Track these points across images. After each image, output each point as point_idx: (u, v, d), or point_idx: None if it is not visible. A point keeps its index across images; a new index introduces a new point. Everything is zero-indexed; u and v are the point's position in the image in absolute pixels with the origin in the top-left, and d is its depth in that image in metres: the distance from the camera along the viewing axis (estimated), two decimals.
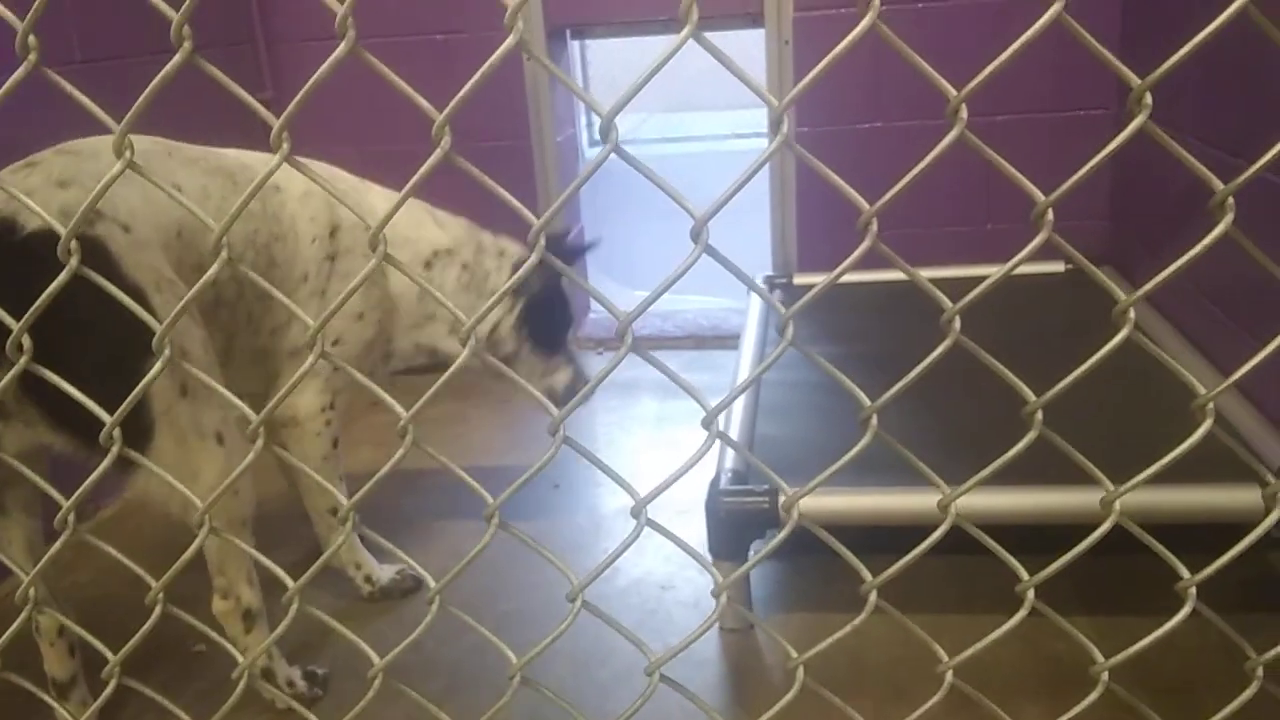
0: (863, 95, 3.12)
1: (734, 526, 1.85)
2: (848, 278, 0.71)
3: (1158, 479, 0.76)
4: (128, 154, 0.78)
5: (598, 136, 6.85)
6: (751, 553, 1.87)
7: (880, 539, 1.16)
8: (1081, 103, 3.06)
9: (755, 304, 2.95)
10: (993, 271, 0.73)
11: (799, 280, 3.22)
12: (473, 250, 2.15)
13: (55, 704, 1.53)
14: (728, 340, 3.36)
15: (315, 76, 0.72)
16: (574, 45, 4.53)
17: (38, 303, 0.81)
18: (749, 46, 3.19)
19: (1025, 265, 0.70)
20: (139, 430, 1.49)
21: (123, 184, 0.94)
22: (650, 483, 0.85)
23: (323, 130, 2.26)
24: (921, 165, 0.69)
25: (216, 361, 1.67)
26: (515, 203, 0.79)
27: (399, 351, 2.12)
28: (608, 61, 7.98)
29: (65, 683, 1.68)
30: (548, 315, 2.24)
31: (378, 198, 2.06)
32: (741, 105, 8.07)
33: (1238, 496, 1.69)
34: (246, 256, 1.79)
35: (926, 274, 0.75)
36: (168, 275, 1.55)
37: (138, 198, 1.57)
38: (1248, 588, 1.83)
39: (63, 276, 0.79)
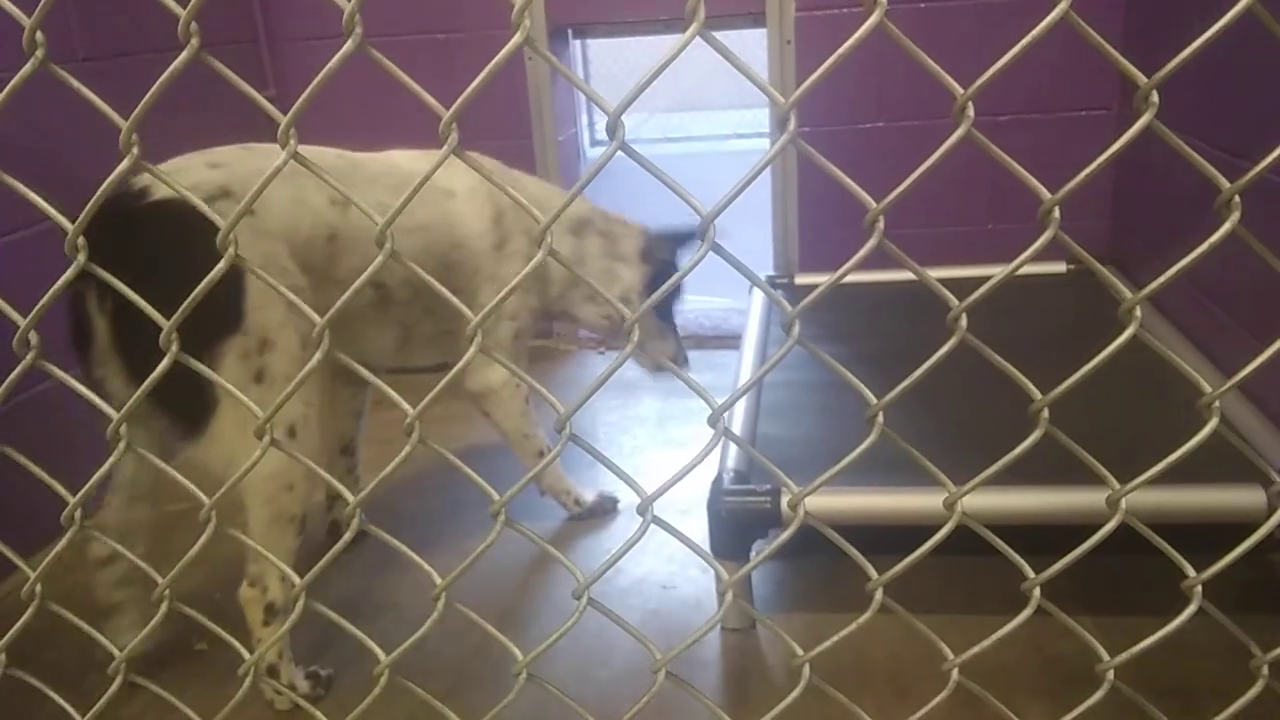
0: (864, 95, 3.12)
1: (736, 526, 1.85)
2: (850, 278, 0.71)
3: (1161, 479, 0.76)
4: (135, 150, 0.78)
5: (600, 136, 6.86)
6: (753, 553, 1.87)
7: (883, 540, 1.16)
8: (1084, 103, 3.06)
9: (756, 304, 2.95)
10: (994, 271, 0.73)
11: (800, 281, 3.22)
12: (602, 219, 2.33)
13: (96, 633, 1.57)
14: (729, 340, 3.36)
15: (324, 72, 0.72)
16: (576, 45, 4.53)
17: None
18: (751, 46, 3.20)
19: (1027, 266, 0.70)
20: (201, 407, 1.53)
21: (277, 180, 1.01)
22: (653, 482, 0.85)
23: (324, 128, 2.25)
24: (929, 162, 0.69)
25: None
26: (523, 201, 0.79)
27: (545, 316, 2.35)
28: (609, 61, 7.98)
29: (108, 608, 1.78)
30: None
31: (524, 179, 2.24)
32: (743, 105, 8.07)
33: (1240, 497, 1.69)
34: (425, 266, 1.84)
35: (929, 274, 0.75)
36: (282, 264, 1.64)
37: (285, 195, 1.69)
38: (1249, 589, 1.83)
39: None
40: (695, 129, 8.26)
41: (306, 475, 1.69)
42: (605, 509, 2.38)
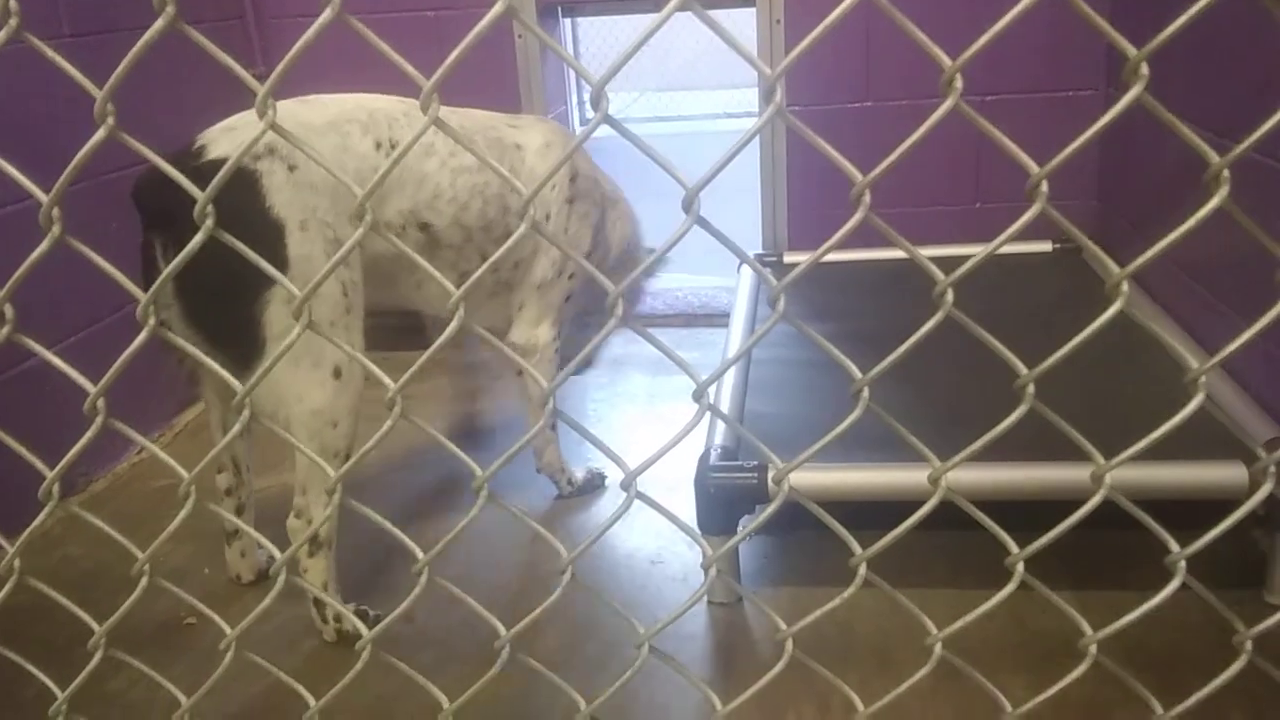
0: (853, 74, 3.11)
1: (723, 502, 1.86)
2: (836, 256, 0.71)
3: (1145, 455, 0.76)
4: (110, 119, 0.77)
5: (589, 115, 6.80)
6: (740, 528, 1.87)
7: (867, 516, 1.17)
8: (1071, 83, 3.06)
9: (745, 282, 2.95)
10: (981, 250, 0.73)
11: (789, 259, 3.21)
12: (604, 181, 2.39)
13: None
14: (717, 319, 3.36)
15: (301, 41, 0.71)
16: (565, 23, 4.49)
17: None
18: (741, 26, 3.17)
19: (1013, 244, 0.70)
20: (252, 345, 1.64)
21: (319, 132, 1.02)
22: (641, 458, 0.84)
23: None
24: (917, 134, 0.68)
25: (359, 305, 1.80)
26: (505, 173, 0.78)
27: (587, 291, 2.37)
28: (598, 40, 7.94)
29: (230, 534, 2.04)
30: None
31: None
32: (732, 85, 8.04)
33: (1223, 473, 1.70)
34: (473, 205, 2.00)
35: (915, 249, 0.75)
36: (323, 217, 1.70)
37: (329, 145, 1.77)
38: (1229, 566, 1.85)
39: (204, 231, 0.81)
40: (685, 108, 8.23)
41: (350, 413, 1.77)
42: (595, 485, 2.40)
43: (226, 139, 1.69)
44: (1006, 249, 0.69)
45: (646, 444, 2.60)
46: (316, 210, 1.69)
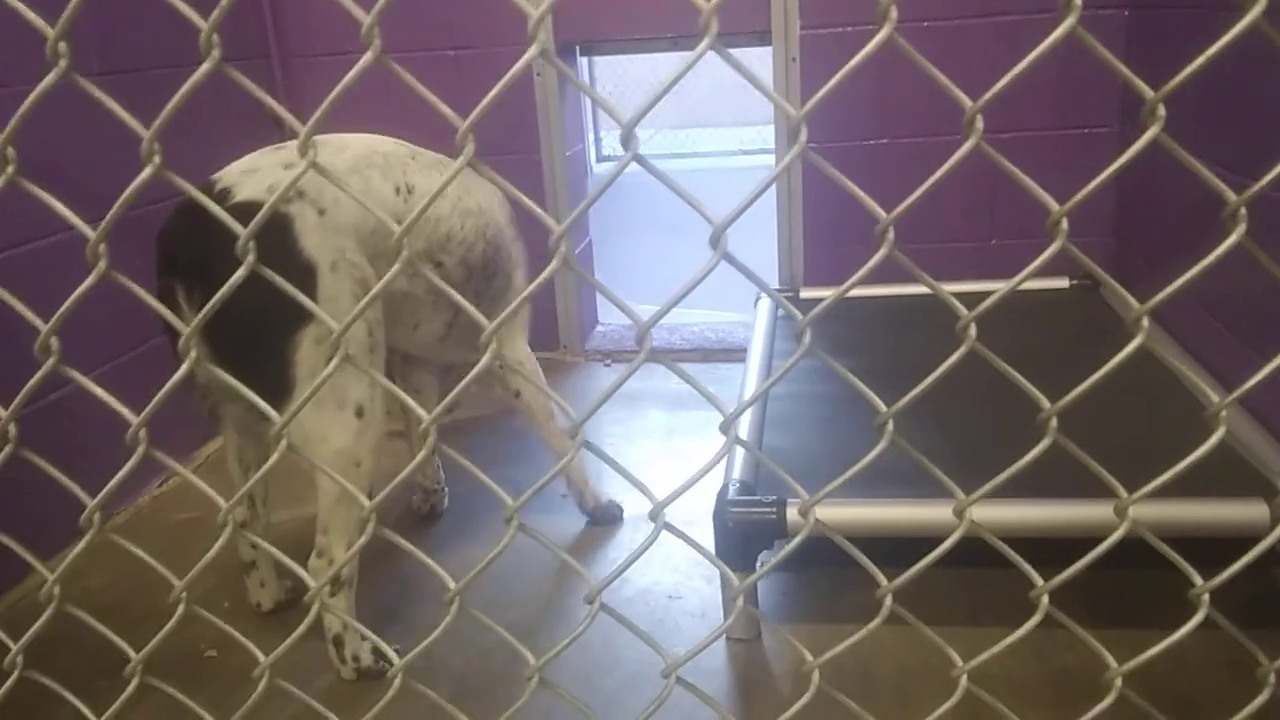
0: (869, 112, 3.15)
1: (741, 537, 1.86)
2: (856, 292, 0.73)
3: (1166, 492, 0.77)
4: (156, 159, 0.80)
5: (606, 152, 6.86)
6: (759, 565, 1.88)
7: (884, 553, 1.17)
8: (1085, 120, 3.08)
9: (762, 317, 2.97)
10: (998, 287, 0.74)
11: (805, 294, 3.23)
12: None
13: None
14: (734, 354, 3.37)
15: (343, 82, 0.73)
16: (582, 61, 4.56)
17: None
18: (756, 64, 3.22)
19: (1031, 281, 0.71)
20: (281, 387, 1.67)
21: (344, 176, 1.32)
22: (660, 492, 0.85)
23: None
24: (940, 173, 0.70)
25: (381, 344, 1.86)
26: (538, 210, 0.80)
27: None
28: (614, 77, 8.04)
29: (249, 563, 2.04)
30: None
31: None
32: (748, 122, 8.12)
33: (1244, 510, 1.70)
34: (477, 246, 2.11)
35: (938, 284, 0.76)
36: (351, 258, 1.75)
37: (357, 189, 1.82)
38: (1251, 604, 1.84)
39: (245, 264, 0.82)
40: (700, 145, 8.31)
41: (373, 453, 1.81)
42: (612, 515, 2.42)
43: (250, 181, 1.73)
44: (1023, 285, 0.70)
45: (665, 479, 2.62)
46: (345, 252, 1.74)
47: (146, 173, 0.80)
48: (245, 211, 1.59)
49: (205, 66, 0.76)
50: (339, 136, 1.93)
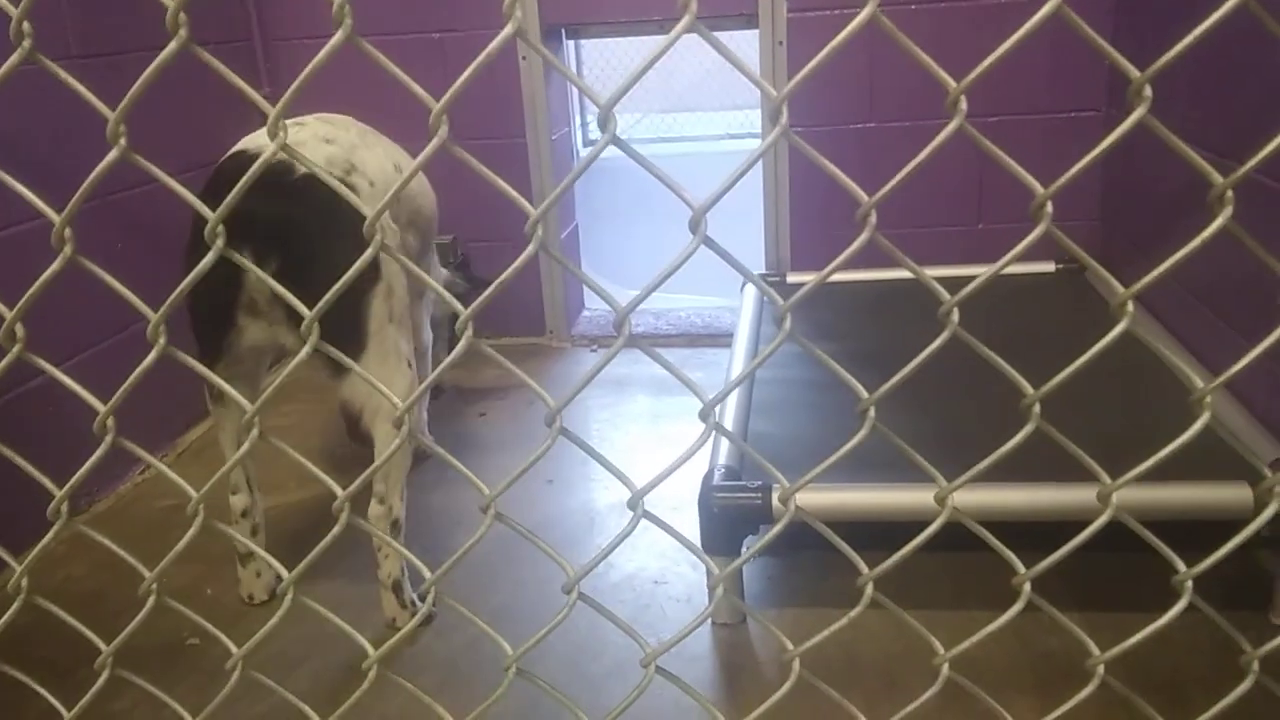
0: (856, 96, 3.14)
1: (727, 522, 1.85)
2: (838, 277, 0.72)
3: (1150, 476, 0.76)
4: (122, 140, 0.78)
5: (592, 136, 6.85)
6: (744, 549, 1.87)
7: (869, 537, 1.17)
8: (1072, 104, 3.08)
9: (748, 302, 2.96)
10: (984, 271, 0.73)
11: (792, 279, 3.22)
12: None
13: (240, 566, 2.09)
14: (720, 339, 3.37)
15: (313, 62, 0.71)
16: (569, 45, 4.53)
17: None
18: (743, 47, 3.20)
19: (1016, 265, 0.70)
20: (355, 342, 1.83)
21: (367, 150, 1.61)
22: (645, 478, 0.84)
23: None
24: (923, 155, 0.69)
25: (409, 296, 2.01)
26: (514, 194, 0.79)
27: None
28: (601, 62, 7.99)
29: (244, 555, 2.08)
30: None
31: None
32: (735, 107, 8.09)
33: (1228, 494, 1.70)
34: (432, 224, 2.46)
35: (920, 269, 0.75)
36: (392, 225, 2.04)
37: (378, 162, 2.01)
38: (1233, 587, 1.84)
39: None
40: (688, 130, 8.27)
41: (419, 404, 2.02)
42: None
43: (305, 155, 1.89)
44: (1010, 269, 0.69)
45: (651, 464, 2.61)
46: (387, 218, 1.96)
47: (112, 155, 0.78)
48: (312, 182, 1.70)
49: (171, 46, 0.74)
50: (332, 115, 2.10)
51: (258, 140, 1.93)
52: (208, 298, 1.81)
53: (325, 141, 1.93)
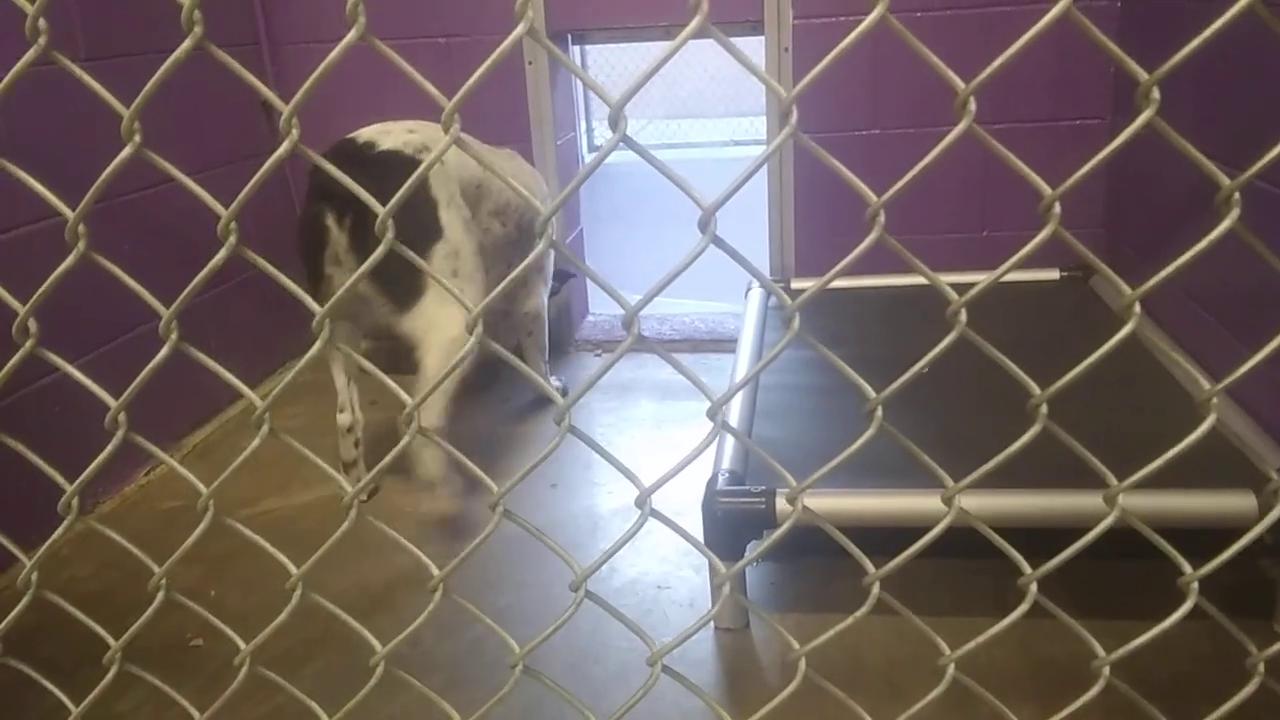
0: (862, 102, 3.14)
1: (730, 527, 1.85)
2: (844, 282, 0.72)
3: (1155, 482, 0.76)
4: (136, 137, 0.78)
5: (597, 141, 6.85)
6: (748, 553, 1.87)
7: (872, 543, 1.17)
8: (1077, 112, 3.08)
9: (752, 308, 2.96)
10: (988, 278, 0.73)
11: (796, 284, 3.23)
12: None
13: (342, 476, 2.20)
14: (724, 344, 3.37)
15: (326, 61, 0.72)
16: (575, 51, 4.55)
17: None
18: (749, 54, 3.21)
19: (1020, 271, 0.71)
20: (416, 288, 2.17)
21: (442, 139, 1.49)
22: (649, 481, 0.85)
23: (326, 125, 2.27)
24: (931, 155, 0.69)
25: (481, 266, 2.35)
26: (525, 193, 0.79)
27: None
28: (607, 68, 8.01)
29: (348, 463, 2.43)
30: None
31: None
32: (740, 113, 8.10)
33: (1232, 501, 1.70)
34: (526, 217, 2.67)
35: (929, 270, 0.76)
36: (459, 201, 2.31)
37: (453, 151, 2.14)
38: (1237, 594, 1.84)
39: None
40: (693, 136, 8.29)
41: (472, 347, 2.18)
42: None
43: (387, 138, 2.25)
44: (1014, 276, 0.70)
45: (655, 468, 2.61)
46: (455, 195, 2.28)
47: (126, 152, 0.78)
48: (390, 157, 2.18)
49: (186, 44, 0.75)
50: (421, 122, 2.41)
51: (365, 132, 2.30)
52: (308, 254, 2.22)
53: (409, 131, 2.29)
